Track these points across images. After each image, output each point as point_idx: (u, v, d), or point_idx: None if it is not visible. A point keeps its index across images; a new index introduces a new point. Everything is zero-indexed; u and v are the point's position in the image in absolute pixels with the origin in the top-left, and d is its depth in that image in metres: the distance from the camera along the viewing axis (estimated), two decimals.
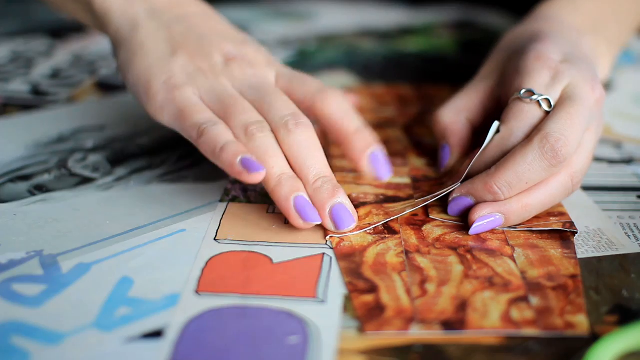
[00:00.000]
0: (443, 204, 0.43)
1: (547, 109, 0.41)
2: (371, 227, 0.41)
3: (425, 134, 0.52)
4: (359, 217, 0.42)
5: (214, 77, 0.45)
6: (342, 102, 0.44)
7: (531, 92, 0.42)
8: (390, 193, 0.44)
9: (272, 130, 0.42)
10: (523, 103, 0.42)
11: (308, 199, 0.40)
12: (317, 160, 0.42)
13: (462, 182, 0.42)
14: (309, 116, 0.43)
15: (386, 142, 0.51)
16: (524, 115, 0.42)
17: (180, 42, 0.47)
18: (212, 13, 0.50)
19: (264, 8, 0.88)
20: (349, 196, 0.43)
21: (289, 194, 0.40)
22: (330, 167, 0.46)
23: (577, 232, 0.41)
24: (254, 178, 0.39)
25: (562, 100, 0.42)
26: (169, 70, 0.45)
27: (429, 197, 0.42)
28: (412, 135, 0.52)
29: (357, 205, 0.43)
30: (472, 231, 0.40)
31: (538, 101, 0.42)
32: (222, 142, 0.41)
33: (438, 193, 0.42)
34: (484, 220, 0.40)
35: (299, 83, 0.46)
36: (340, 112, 0.44)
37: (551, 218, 0.42)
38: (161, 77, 0.45)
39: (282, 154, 0.42)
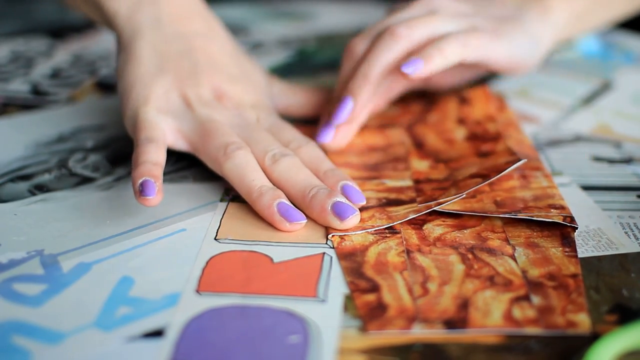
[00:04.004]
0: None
1: None
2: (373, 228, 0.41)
3: (427, 133, 0.52)
4: (362, 219, 0.42)
5: (197, 109, 0.46)
6: (312, 151, 0.45)
7: None
8: (393, 196, 0.44)
9: (257, 159, 0.44)
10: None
11: (290, 204, 0.41)
12: (308, 175, 0.43)
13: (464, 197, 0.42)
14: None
15: (388, 146, 0.51)
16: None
17: (173, 61, 0.47)
18: (217, 33, 0.50)
19: (264, 8, 0.88)
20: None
21: (271, 201, 0.41)
22: None
23: (577, 228, 0.41)
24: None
25: None
26: (150, 88, 0.46)
27: (432, 203, 0.42)
28: (415, 136, 0.52)
29: (360, 209, 0.42)
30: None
31: None
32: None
33: (442, 200, 0.42)
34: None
35: (277, 131, 0.47)
36: (310, 159, 0.45)
37: (552, 210, 0.42)
38: (141, 92, 0.46)
39: (261, 170, 0.43)
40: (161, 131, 0.45)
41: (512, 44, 0.51)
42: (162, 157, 0.43)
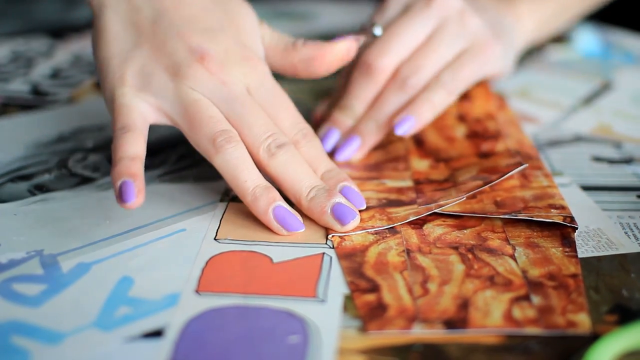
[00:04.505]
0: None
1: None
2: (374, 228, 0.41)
3: (427, 130, 0.52)
4: (362, 220, 0.41)
5: (177, 82, 0.42)
6: (312, 148, 0.44)
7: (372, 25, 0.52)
8: (393, 197, 0.44)
9: (249, 149, 0.42)
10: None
11: (287, 206, 0.41)
12: (306, 174, 0.42)
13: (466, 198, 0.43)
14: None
15: (388, 145, 0.51)
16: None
17: (146, 31, 0.43)
18: None
19: (264, 8, 0.88)
20: None
21: (267, 206, 0.40)
22: None
23: (577, 228, 0.41)
24: None
25: None
26: (125, 67, 0.43)
27: (432, 205, 0.42)
28: (415, 134, 0.52)
29: (360, 210, 0.42)
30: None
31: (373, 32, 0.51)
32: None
33: (442, 203, 0.42)
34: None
35: (272, 110, 0.44)
36: (309, 157, 0.44)
37: (552, 210, 0.42)
38: (116, 72, 0.43)
39: (253, 165, 0.41)
40: (139, 115, 0.42)
41: (507, 51, 0.54)
42: (140, 148, 0.41)
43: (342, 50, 0.46)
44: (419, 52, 0.50)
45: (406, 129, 0.48)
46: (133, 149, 0.40)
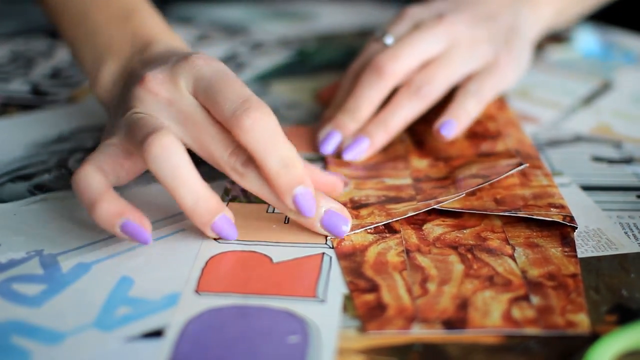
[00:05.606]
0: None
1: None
2: (372, 227, 0.41)
3: (427, 131, 0.52)
4: (361, 217, 0.42)
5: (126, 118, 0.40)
6: (260, 127, 0.37)
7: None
8: (392, 194, 0.44)
9: (219, 168, 0.40)
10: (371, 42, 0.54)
11: (229, 217, 0.39)
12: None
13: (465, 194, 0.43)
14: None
15: (389, 146, 0.51)
16: (365, 49, 0.54)
17: (123, 104, 0.42)
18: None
19: (264, 8, 0.88)
20: (351, 199, 0.43)
21: (207, 223, 0.38)
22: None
23: (576, 227, 0.41)
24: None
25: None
26: (107, 136, 0.42)
27: (431, 201, 0.42)
28: (415, 134, 0.52)
29: (360, 206, 0.43)
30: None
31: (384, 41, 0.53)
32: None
33: (441, 199, 0.42)
34: None
35: (215, 99, 0.38)
36: (259, 144, 0.37)
37: (552, 209, 0.42)
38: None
39: (193, 172, 0.38)
40: (101, 152, 0.40)
41: (520, 59, 0.54)
42: (98, 180, 0.38)
43: (330, 182, 0.42)
44: (431, 65, 0.51)
45: (450, 130, 0.49)
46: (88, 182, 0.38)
